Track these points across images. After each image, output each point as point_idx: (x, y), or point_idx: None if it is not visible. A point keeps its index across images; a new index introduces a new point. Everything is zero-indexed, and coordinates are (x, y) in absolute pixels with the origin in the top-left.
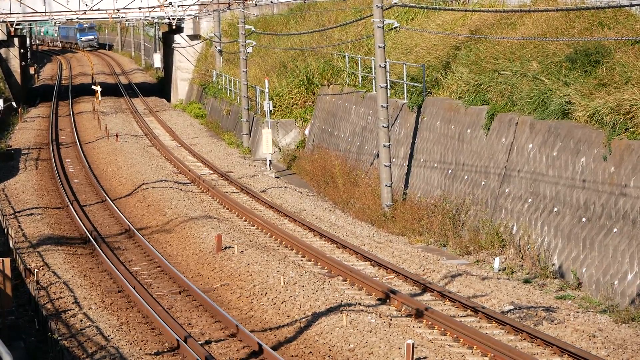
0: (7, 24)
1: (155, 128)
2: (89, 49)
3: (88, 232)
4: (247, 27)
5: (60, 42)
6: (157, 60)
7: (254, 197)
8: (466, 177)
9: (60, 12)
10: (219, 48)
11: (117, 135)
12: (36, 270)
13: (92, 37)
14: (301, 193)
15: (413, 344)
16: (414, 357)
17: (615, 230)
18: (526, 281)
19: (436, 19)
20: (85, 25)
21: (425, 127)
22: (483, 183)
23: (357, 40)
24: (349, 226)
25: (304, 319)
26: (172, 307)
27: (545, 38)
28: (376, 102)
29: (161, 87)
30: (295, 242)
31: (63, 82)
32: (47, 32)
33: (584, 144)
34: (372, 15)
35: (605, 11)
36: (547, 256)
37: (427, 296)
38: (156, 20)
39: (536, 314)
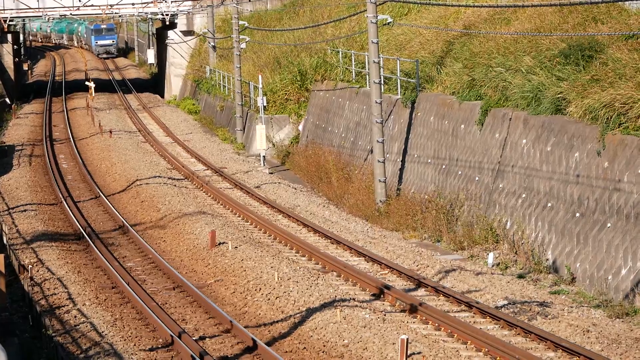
0: (0, 20)
1: (148, 124)
2: (105, 56)
3: (82, 228)
4: (241, 22)
5: (86, 43)
6: (151, 56)
7: (248, 192)
8: (460, 172)
9: (53, 8)
10: (212, 44)
11: (110, 132)
12: (30, 266)
13: (111, 41)
14: (295, 189)
15: (407, 339)
16: (408, 352)
17: (609, 225)
18: (520, 276)
19: (430, 14)
20: (102, 26)
21: (419, 122)
22: (477, 178)
23: (350, 35)
24: (343, 222)
25: (298, 315)
26: (166, 303)
27: (539, 33)
28: (370, 98)
29: (155, 83)
30: (289, 238)
31: (57, 78)
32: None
33: (578, 139)
34: (366, 10)
35: (599, 6)
36: (541, 251)
37: (421, 291)
38: (149, 16)
39: (530, 309)
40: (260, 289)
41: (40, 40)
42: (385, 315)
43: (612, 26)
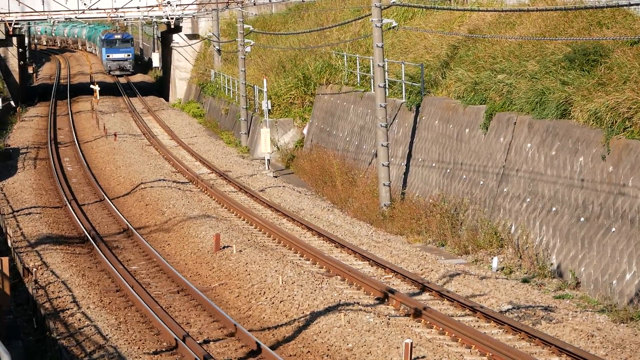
0: (5, 24)
1: (153, 127)
2: (118, 73)
3: (86, 231)
4: (246, 26)
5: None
6: (156, 59)
7: (253, 196)
8: (464, 176)
9: (58, 11)
10: (217, 47)
11: (115, 135)
12: (34, 269)
13: (125, 55)
14: (299, 192)
15: (411, 343)
16: (412, 356)
17: (613, 229)
18: (524, 281)
19: (435, 19)
20: (116, 36)
21: (423, 126)
22: (481, 182)
23: (355, 39)
24: (347, 225)
25: (302, 319)
26: (170, 307)
27: (544, 37)
28: (374, 102)
29: (159, 87)
30: (294, 242)
31: (61, 81)
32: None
33: (583, 143)
34: (371, 14)
35: (604, 11)
36: (545, 256)
37: (425, 295)
38: (154, 19)
39: (534, 314)
40: (264, 292)
41: (84, 49)
42: (389, 319)
43: (617, 31)
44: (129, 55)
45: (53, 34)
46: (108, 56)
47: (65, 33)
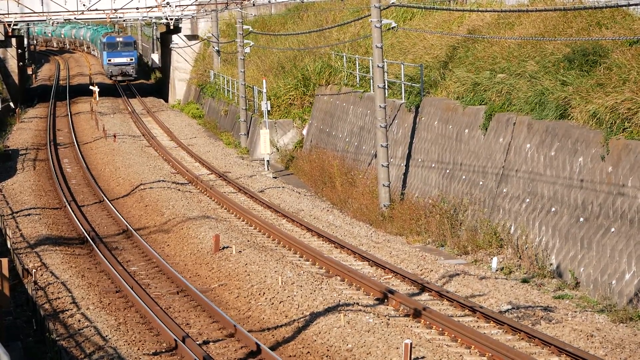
0: (4, 24)
1: (153, 128)
2: (120, 78)
3: (86, 232)
4: (245, 27)
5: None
6: (155, 60)
7: (252, 197)
8: (464, 177)
9: (58, 12)
10: (216, 48)
11: (114, 136)
12: (34, 270)
13: (128, 59)
14: (299, 193)
15: (411, 343)
16: (412, 356)
17: (612, 229)
18: (524, 281)
19: (434, 19)
20: (117, 39)
21: (423, 127)
22: (481, 183)
23: (354, 40)
24: (347, 226)
25: (302, 319)
26: (170, 307)
27: (543, 38)
28: (374, 102)
29: (159, 88)
30: (293, 242)
31: (61, 82)
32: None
33: (582, 143)
34: (370, 15)
35: (603, 11)
36: (545, 256)
37: (425, 296)
38: (154, 20)
39: (534, 314)
40: (264, 293)
41: (88, 52)
42: (389, 319)
43: (616, 31)
44: (131, 59)
45: (62, 36)
46: (109, 60)
47: (72, 35)
